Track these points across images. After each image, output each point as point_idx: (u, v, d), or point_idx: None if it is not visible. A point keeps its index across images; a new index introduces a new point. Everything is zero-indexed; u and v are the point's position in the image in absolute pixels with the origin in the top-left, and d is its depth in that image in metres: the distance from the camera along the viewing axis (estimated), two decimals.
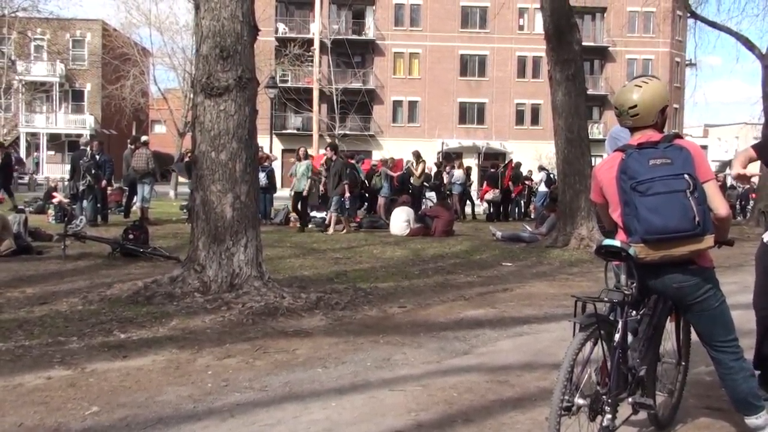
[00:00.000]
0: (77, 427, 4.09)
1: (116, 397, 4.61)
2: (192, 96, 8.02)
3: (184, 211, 20.44)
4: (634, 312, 3.58)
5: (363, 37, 55.47)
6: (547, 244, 14.42)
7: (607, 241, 3.46)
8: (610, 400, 3.38)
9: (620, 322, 3.44)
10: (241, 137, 7.64)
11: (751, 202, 28.23)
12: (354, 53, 52.47)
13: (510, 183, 24.06)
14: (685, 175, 3.36)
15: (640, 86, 3.61)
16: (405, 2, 55.56)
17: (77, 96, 55.67)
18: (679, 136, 3.57)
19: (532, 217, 24.69)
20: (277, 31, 52.29)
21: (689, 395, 4.54)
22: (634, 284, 3.48)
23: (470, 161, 32.17)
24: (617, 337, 3.42)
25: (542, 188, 25.04)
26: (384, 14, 55.11)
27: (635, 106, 3.57)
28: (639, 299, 3.57)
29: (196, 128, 7.77)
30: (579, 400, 3.28)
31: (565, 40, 14.25)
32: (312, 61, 38.39)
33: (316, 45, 35.65)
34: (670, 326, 3.99)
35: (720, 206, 3.50)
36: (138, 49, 41.58)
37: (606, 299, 3.44)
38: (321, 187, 19.23)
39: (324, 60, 45.33)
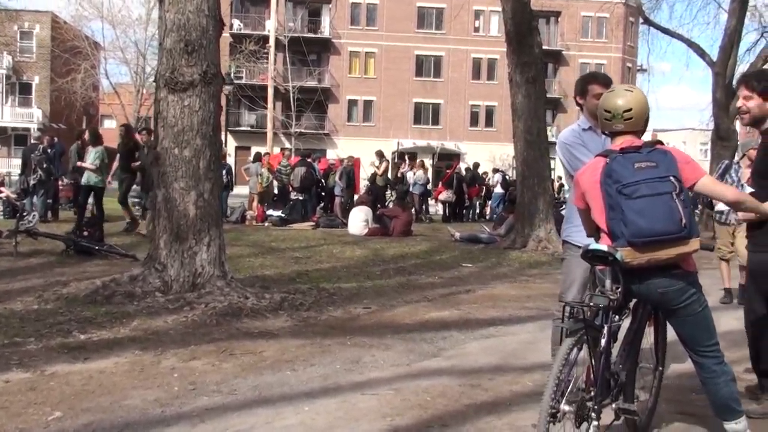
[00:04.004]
0: None
1: (79, 401, 4.44)
2: (155, 90, 7.81)
3: (137, 207, 20.06)
4: (617, 317, 3.55)
5: (319, 36, 55.20)
6: (505, 245, 14.46)
7: (594, 246, 3.42)
8: (596, 407, 3.34)
9: (605, 328, 3.41)
10: (205, 134, 7.47)
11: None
12: (310, 51, 52.23)
13: (455, 182, 24.02)
14: (671, 178, 3.35)
15: (631, 91, 3.61)
16: (361, 1, 55.39)
17: (24, 89, 54.11)
18: (660, 142, 3.56)
19: (487, 218, 24.81)
20: (231, 27, 51.71)
21: (661, 400, 4.53)
22: (619, 289, 3.45)
23: (425, 162, 32.34)
24: (603, 342, 3.39)
25: (498, 190, 25.20)
26: (340, 13, 54.80)
27: (630, 109, 3.55)
28: (622, 304, 3.54)
29: (158, 124, 7.57)
30: (565, 407, 3.24)
31: (525, 43, 14.32)
32: (267, 58, 38.02)
33: (272, 42, 35.29)
34: (648, 331, 3.98)
35: (724, 193, 3.67)
36: (89, 42, 40.78)
37: (592, 304, 3.41)
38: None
39: (279, 57, 44.99)
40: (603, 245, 3.42)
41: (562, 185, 28.91)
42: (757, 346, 4.62)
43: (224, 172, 17.24)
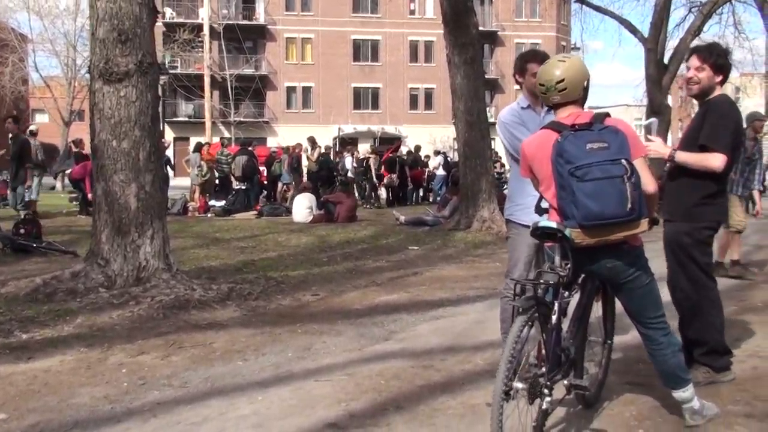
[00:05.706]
0: None
1: (25, 402, 4.33)
2: (89, 82, 7.60)
3: (74, 203, 19.62)
4: (567, 293, 3.58)
5: (254, 23, 54.46)
6: (450, 227, 14.54)
7: (544, 223, 3.43)
8: (548, 383, 3.38)
9: (556, 304, 3.44)
10: (143, 125, 7.31)
11: None
12: (245, 39, 51.40)
13: (397, 166, 24.08)
14: (623, 161, 3.32)
15: (564, 61, 3.59)
16: None
17: None
18: (608, 115, 3.55)
19: (430, 201, 24.90)
20: (164, 16, 50.63)
21: (609, 372, 4.61)
22: (569, 265, 3.48)
23: (366, 146, 32.43)
24: (554, 318, 3.42)
25: (440, 172, 25.29)
26: None
27: (563, 80, 3.54)
28: (572, 280, 3.57)
29: (94, 116, 7.36)
30: (518, 384, 3.25)
31: (462, 24, 14.33)
32: (202, 46, 37.40)
33: (206, 30, 34.73)
34: (596, 305, 4.03)
35: (648, 183, 3.50)
36: (16, 34, 39.54)
37: (542, 281, 3.43)
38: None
39: (215, 46, 44.33)
40: (552, 222, 3.43)
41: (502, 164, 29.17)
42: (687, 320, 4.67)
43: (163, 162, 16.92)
